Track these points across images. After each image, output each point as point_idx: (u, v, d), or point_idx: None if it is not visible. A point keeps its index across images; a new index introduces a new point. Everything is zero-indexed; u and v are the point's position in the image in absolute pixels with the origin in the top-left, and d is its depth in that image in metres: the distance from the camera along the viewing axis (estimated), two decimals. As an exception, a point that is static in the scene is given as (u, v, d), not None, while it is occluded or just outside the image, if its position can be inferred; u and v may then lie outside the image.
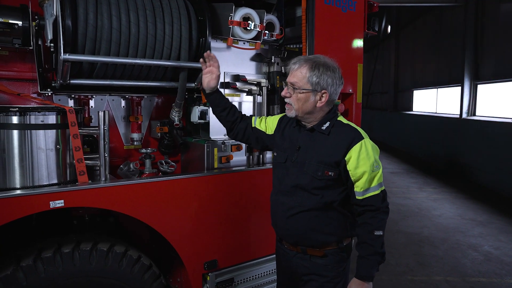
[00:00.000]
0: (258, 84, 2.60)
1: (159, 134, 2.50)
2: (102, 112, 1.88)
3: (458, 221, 5.49)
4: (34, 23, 1.96)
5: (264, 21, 2.47)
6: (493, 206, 6.26)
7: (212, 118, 2.41)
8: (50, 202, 1.70)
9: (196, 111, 2.40)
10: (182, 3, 2.18)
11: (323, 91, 1.70)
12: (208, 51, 1.99)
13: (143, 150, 2.37)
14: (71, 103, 2.32)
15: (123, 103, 2.50)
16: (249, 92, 2.60)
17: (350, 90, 2.99)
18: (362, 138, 1.70)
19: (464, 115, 8.52)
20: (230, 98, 2.52)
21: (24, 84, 2.25)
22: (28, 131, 1.76)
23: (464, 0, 8.63)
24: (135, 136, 2.47)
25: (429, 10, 10.70)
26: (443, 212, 5.92)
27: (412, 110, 12.31)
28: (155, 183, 1.99)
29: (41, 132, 1.79)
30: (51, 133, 1.82)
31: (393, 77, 13.76)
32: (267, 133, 1.99)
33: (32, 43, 2.03)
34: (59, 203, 1.72)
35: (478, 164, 7.75)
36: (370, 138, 1.75)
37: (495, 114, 7.83)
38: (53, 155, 1.83)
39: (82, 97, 2.32)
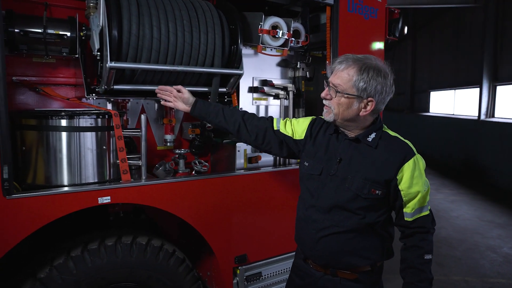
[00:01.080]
0: (284, 89, 2.72)
1: (191, 136, 2.64)
2: (144, 116, 2.03)
3: (476, 223, 5.51)
4: (81, 34, 2.11)
5: (291, 29, 2.59)
6: (512, 208, 6.25)
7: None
8: (99, 198, 1.87)
9: (226, 114, 2.53)
10: (215, 13, 2.31)
11: (369, 98, 1.48)
12: (161, 87, 1.96)
13: (178, 151, 2.52)
14: (109, 106, 2.48)
15: (156, 106, 2.66)
16: (276, 96, 2.72)
17: (372, 94, 3.08)
18: (414, 154, 1.53)
19: (482, 117, 8.47)
20: (257, 102, 2.68)
21: (67, 89, 2.43)
22: (78, 133, 1.92)
23: (484, 1, 8.57)
24: (168, 137, 2.62)
25: (447, 11, 10.62)
26: (461, 214, 5.94)
27: (429, 112, 12.23)
28: (193, 181, 2.14)
29: (89, 134, 1.95)
30: (99, 135, 1.98)
31: (409, 78, 13.69)
32: (294, 138, 1.80)
33: (78, 52, 2.20)
34: (106, 199, 1.88)
35: (496, 166, 7.70)
36: None
37: (515, 116, 7.77)
38: (99, 155, 1.99)
39: (119, 100, 2.48)
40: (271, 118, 1.88)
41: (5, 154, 1.63)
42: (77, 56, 2.20)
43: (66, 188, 1.86)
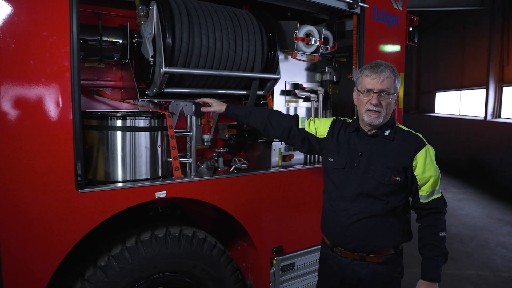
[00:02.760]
0: (314, 92, 2.89)
1: (226, 136, 2.81)
2: (194, 117, 2.21)
3: (485, 220, 5.69)
4: (133, 41, 2.28)
5: (322, 36, 2.76)
6: (520, 207, 6.42)
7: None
8: (156, 193, 2.04)
9: (261, 115, 2.71)
10: (255, 22, 2.48)
11: (396, 93, 1.80)
12: (200, 100, 2.29)
13: (217, 150, 2.69)
14: (152, 107, 2.65)
15: (193, 108, 2.83)
16: (306, 99, 2.89)
17: (393, 96, 3.25)
18: (425, 144, 1.78)
19: (489, 117, 8.64)
20: (289, 104, 2.85)
21: (114, 92, 2.60)
22: (136, 132, 2.10)
23: (490, 3, 8.73)
24: (206, 137, 2.77)
25: (453, 13, 10.78)
26: (470, 212, 6.11)
27: (434, 112, 12.40)
28: (238, 177, 2.31)
29: (145, 133, 2.12)
30: (154, 134, 2.15)
31: (415, 79, 13.85)
32: (317, 136, 2.02)
33: (128, 57, 2.37)
34: (163, 194, 2.05)
35: (503, 166, 7.88)
36: None
37: (521, 117, 7.93)
38: (154, 153, 2.17)
39: (162, 102, 2.65)
40: (296, 116, 2.13)
41: (78, 152, 1.80)
42: (127, 61, 2.38)
43: (128, 184, 2.03)
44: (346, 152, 1.86)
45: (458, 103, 10.96)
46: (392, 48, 3.20)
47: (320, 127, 2.04)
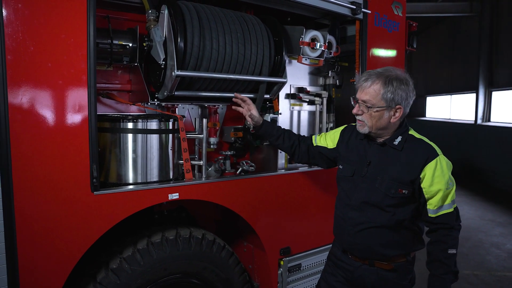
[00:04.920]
0: (318, 95, 2.95)
1: (232, 139, 2.84)
2: (205, 120, 2.23)
3: (478, 222, 5.81)
4: (144, 44, 2.30)
5: (326, 41, 2.82)
6: (511, 208, 6.56)
7: (283, 125, 2.75)
8: (169, 195, 2.06)
9: (268, 118, 2.74)
10: (262, 26, 2.53)
11: (397, 106, 1.65)
12: (241, 96, 2.23)
13: (224, 152, 2.72)
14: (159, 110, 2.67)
15: (199, 111, 2.86)
16: (311, 102, 2.95)
17: (394, 100, 3.33)
18: (437, 155, 1.65)
19: (479, 121, 8.85)
20: (294, 107, 2.90)
21: (122, 95, 2.61)
22: (148, 135, 2.11)
23: (479, 10, 8.96)
24: (212, 140, 2.80)
25: (443, 18, 11.02)
26: (463, 213, 6.24)
27: (425, 116, 12.62)
28: (248, 179, 2.34)
29: (157, 136, 2.14)
30: (166, 137, 2.17)
31: (405, 83, 14.06)
32: (328, 147, 2.02)
33: (138, 61, 2.39)
34: (175, 196, 2.07)
35: (493, 168, 8.07)
36: None
37: (510, 120, 8.14)
38: (166, 155, 2.19)
39: (169, 105, 2.67)
40: (311, 136, 2.16)
41: (93, 155, 1.81)
42: (136, 64, 2.39)
43: (143, 186, 2.04)
44: (355, 160, 1.81)
45: (448, 107, 11.18)
46: (392, 53, 3.28)
47: (330, 138, 2.04)
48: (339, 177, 1.90)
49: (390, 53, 3.26)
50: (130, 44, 2.33)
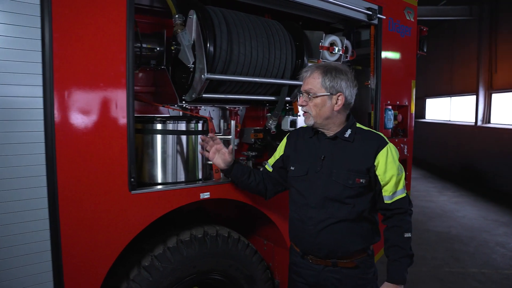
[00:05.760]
0: (335, 98, 3.03)
1: (252, 140, 2.91)
2: (233, 122, 2.31)
3: (482, 222, 5.92)
4: (172, 48, 2.37)
5: (344, 45, 2.91)
6: (513, 208, 6.71)
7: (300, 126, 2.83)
8: (200, 194, 2.13)
9: (287, 120, 2.82)
10: (285, 31, 2.61)
11: (338, 93, 1.71)
12: (203, 136, 2.11)
13: (246, 153, 2.79)
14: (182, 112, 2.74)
15: (220, 113, 2.93)
16: (327, 104, 3.03)
17: (406, 103, 3.43)
18: (387, 143, 1.74)
19: (479, 123, 8.99)
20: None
21: (147, 96, 2.68)
22: (179, 136, 2.18)
23: (479, 13, 9.12)
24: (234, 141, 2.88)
25: (442, 22, 11.19)
26: (466, 214, 6.35)
27: (424, 118, 12.77)
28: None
29: (190, 137, 2.21)
30: (196, 138, 2.24)
31: (404, 85, 14.22)
32: (278, 157, 2.02)
33: (164, 64, 2.46)
34: (207, 195, 2.14)
35: (494, 169, 8.20)
36: None
37: (510, 122, 8.29)
38: (195, 156, 2.25)
39: (192, 107, 2.74)
40: (263, 167, 2.13)
41: (131, 155, 1.87)
42: (163, 67, 2.46)
43: (177, 185, 2.11)
44: (306, 158, 1.83)
45: (448, 109, 11.34)
46: (405, 56, 3.38)
47: (278, 151, 2.05)
48: (291, 178, 1.89)
49: (403, 57, 3.35)
50: (158, 48, 2.40)
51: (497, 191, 7.96)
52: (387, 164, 1.70)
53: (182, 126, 2.18)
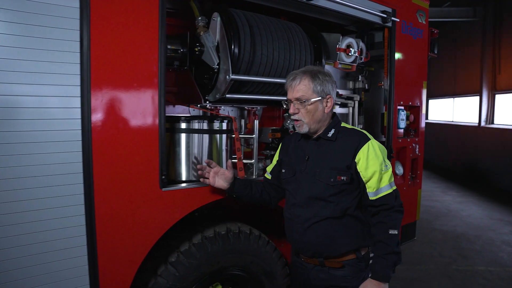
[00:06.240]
0: (350, 98, 3.10)
1: (270, 139, 2.98)
2: (256, 121, 2.37)
3: (487, 221, 6.00)
4: (196, 49, 2.44)
5: (359, 47, 2.97)
6: (518, 208, 6.78)
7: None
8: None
9: (305, 120, 2.90)
10: (304, 33, 2.68)
11: (328, 96, 1.75)
12: (200, 165, 2.08)
13: (265, 152, 2.86)
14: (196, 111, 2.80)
15: (238, 113, 3.00)
16: (342, 105, 3.10)
17: (418, 103, 3.50)
18: (368, 139, 1.73)
19: (482, 123, 9.07)
20: (328, 110, 3.04)
21: (168, 96, 2.73)
22: (207, 135, 2.25)
23: (483, 15, 9.20)
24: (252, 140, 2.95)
25: (445, 23, 11.26)
26: (471, 213, 6.43)
27: (427, 119, 12.85)
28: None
29: (216, 136, 2.28)
30: (221, 137, 2.30)
31: (407, 86, 14.30)
32: (275, 165, 2.04)
33: (187, 64, 2.52)
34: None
35: (498, 170, 8.27)
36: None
37: (513, 123, 8.38)
38: (221, 154, 2.32)
39: (212, 107, 2.81)
40: (264, 176, 2.13)
41: (162, 154, 1.94)
42: (185, 68, 2.53)
43: (202, 183, 2.16)
44: (294, 160, 1.86)
45: (451, 110, 11.41)
46: (416, 58, 3.44)
47: (275, 158, 2.07)
48: (283, 181, 1.93)
49: (415, 58, 3.42)
50: (181, 49, 2.46)
51: (501, 191, 8.03)
52: (369, 160, 1.68)
53: (211, 126, 2.25)
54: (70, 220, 1.75)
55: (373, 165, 1.68)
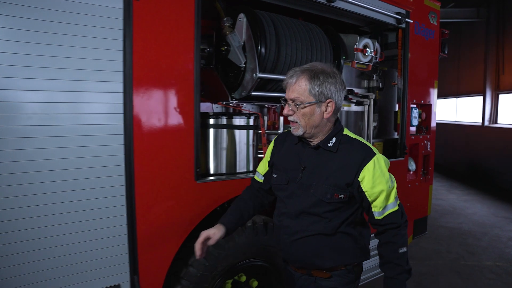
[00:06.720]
0: (365, 97, 3.21)
1: (289, 136, 3.08)
2: (282, 118, 2.48)
3: (492, 218, 6.11)
4: (222, 49, 2.54)
5: (375, 48, 3.08)
6: (522, 206, 6.89)
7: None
8: (254, 184, 2.29)
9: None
10: (324, 34, 2.79)
11: (328, 100, 1.53)
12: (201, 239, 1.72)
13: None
14: (219, 108, 2.91)
15: (258, 110, 3.10)
16: (358, 103, 3.21)
17: (429, 102, 3.61)
18: (374, 154, 1.56)
19: (486, 123, 9.18)
20: (344, 107, 3.14)
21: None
22: (237, 130, 2.35)
23: (486, 16, 9.32)
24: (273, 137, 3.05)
25: (448, 24, 11.38)
26: (476, 211, 6.54)
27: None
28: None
29: (245, 131, 2.38)
30: (248, 132, 2.41)
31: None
32: (268, 169, 1.85)
33: (213, 63, 2.62)
34: (260, 186, 2.31)
35: (501, 169, 8.39)
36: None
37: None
38: (248, 149, 2.43)
39: (234, 104, 2.91)
40: (252, 178, 1.95)
41: (197, 148, 2.05)
42: (211, 67, 2.63)
43: (236, 175, 2.28)
44: (289, 167, 1.68)
45: (454, 110, 11.53)
46: (428, 58, 3.55)
47: (266, 156, 1.89)
48: (274, 186, 1.77)
49: (427, 59, 3.53)
50: (208, 48, 2.57)
51: (505, 189, 8.15)
52: (375, 179, 1.53)
53: (238, 121, 2.36)
54: (112, 210, 1.85)
55: (379, 184, 1.53)
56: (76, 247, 1.78)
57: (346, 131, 1.66)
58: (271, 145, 1.87)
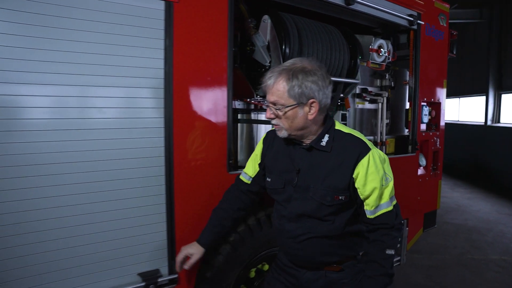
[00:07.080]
0: (378, 95, 3.35)
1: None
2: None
3: (496, 215, 6.25)
4: (247, 49, 2.68)
5: (389, 48, 3.23)
6: (525, 204, 7.03)
7: (349, 120, 3.15)
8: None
9: (339, 114, 3.14)
10: (341, 35, 2.93)
11: (310, 100, 1.43)
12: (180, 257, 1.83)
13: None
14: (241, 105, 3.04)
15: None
16: (372, 101, 3.35)
17: (439, 100, 3.76)
18: (369, 149, 1.48)
19: (489, 122, 9.34)
20: (358, 105, 3.29)
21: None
22: (266, 125, 2.50)
23: (489, 16, 9.48)
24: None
25: (452, 24, 11.53)
26: (480, 208, 6.68)
27: (432, 118, 13.11)
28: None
29: (270, 126, 2.52)
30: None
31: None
32: (258, 170, 1.80)
33: (238, 62, 2.76)
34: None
35: (504, 168, 8.54)
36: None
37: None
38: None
39: (253, 101, 3.05)
40: (237, 177, 1.93)
41: (230, 141, 2.19)
42: (236, 65, 2.77)
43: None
44: (283, 169, 1.61)
45: (457, 110, 11.68)
46: (438, 58, 3.70)
47: (256, 155, 1.82)
48: (269, 190, 1.71)
49: (437, 59, 3.68)
50: (233, 48, 2.71)
51: (508, 188, 8.30)
52: (368, 176, 1.46)
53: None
54: (153, 198, 1.99)
55: (372, 181, 1.46)
56: (119, 233, 1.91)
57: (338, 125, 1.58)
58: (260, 145, 1.79)
